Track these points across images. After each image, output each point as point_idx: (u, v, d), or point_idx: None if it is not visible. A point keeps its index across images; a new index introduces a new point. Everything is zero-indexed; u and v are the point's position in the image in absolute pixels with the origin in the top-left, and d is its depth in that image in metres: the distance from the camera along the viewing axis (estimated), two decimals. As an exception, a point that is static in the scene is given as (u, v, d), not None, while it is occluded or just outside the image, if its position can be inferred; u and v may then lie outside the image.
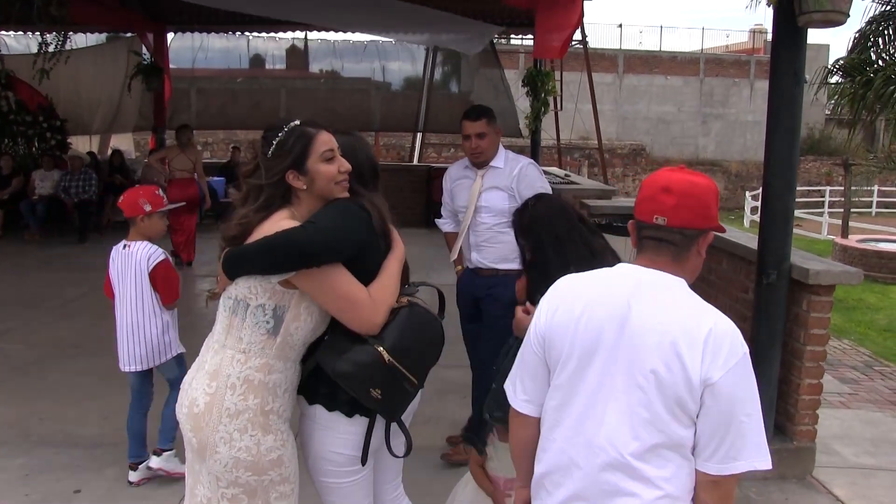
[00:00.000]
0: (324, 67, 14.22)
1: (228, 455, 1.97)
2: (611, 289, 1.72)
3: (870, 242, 14.43)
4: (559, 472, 1.71)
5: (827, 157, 29.19)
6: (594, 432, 1.65)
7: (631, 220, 1.79)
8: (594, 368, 1.67)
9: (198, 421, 1.99)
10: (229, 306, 2.04)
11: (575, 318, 1.70)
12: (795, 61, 3.99)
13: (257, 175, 2.07)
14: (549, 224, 2.41)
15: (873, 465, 4.53)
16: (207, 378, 2.01)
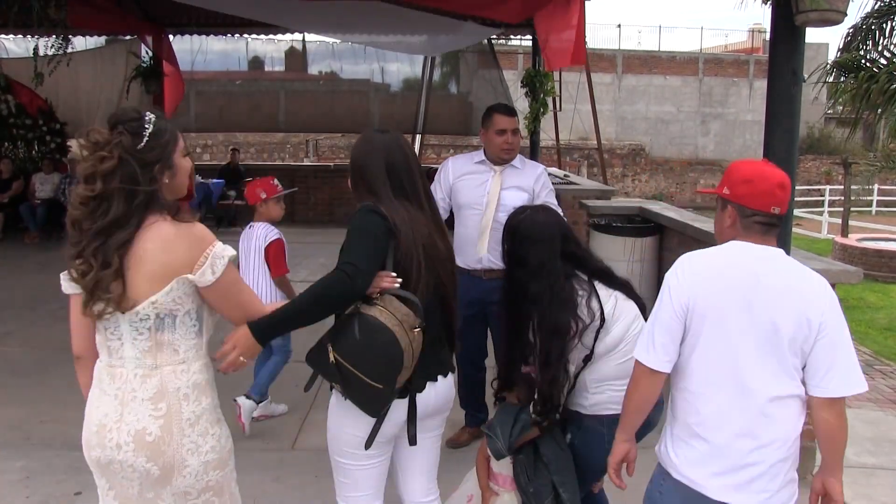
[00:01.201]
0: (322, 69, 14.22)
1: (198, 462, 1.99)
2: (737, 259, 2.10)
3: (870, 241, 14.43)
4: (718, 416, 2.07)
5: (826, 156, 29.21)
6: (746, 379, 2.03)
7: (730, 205, 2.14)
8: (733, 326, 2.04)
9: (156, 447, 1.94)
10: (150, 326, 1.94)
11: (713, 284, 2.07)
12: (793, 60, 3.99)
13: (126, 175, 1.87)
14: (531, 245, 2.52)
15: (874, 465, 4.53)
16: (150, 404, 1.95)
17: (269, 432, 4.25)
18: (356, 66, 13.63)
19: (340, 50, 13.56)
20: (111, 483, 2.04)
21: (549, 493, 2.45)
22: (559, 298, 2.41)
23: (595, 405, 2.50)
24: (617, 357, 2.50)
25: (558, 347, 2.39)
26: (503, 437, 2.44)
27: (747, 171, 2.16)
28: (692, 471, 2.12)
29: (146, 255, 1.91)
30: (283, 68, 14.39)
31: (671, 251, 5.58)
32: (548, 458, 2.47)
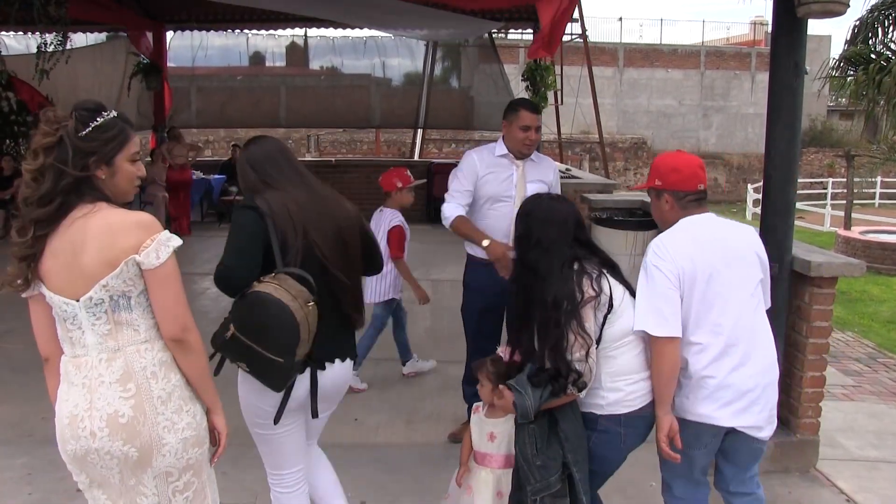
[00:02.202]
0: (324, 64, 14.20)
1: (176, 440, 2.00)
2: (698, 230, 2.57)
3: (873, 234, 14.40)
4: (722, 357, 2.50)
5: (829, 149, 29.16)
6: (742, 320, 2.52)
7: (665, 193, 2.63)
8: (723, 280, 2.50)
9: (131, 428, 1.95)
10: (106, 309, 1.97)
11: (691, 254, 2.50)
12: (795, 53, 3.97)
13: (59, 155, 1.95)
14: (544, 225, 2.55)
15: (877, 458, 4.52)
16: (118, 386, 1.96)
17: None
18: (357, 61, 13.61)
19: (341, 45, 13.55)
20: (91, 476, 2.04)
21: (556, 470, 2.39)
22: (566, 274, 2.43)
23: (611, 404, 2.48)
24: (631, 348, 2.49)
25: (556, 317, 2.38)
26: (534, 395, 2.35)
27: (671, 162, 2.67)
28: (702, 408, 2.52)
29: (90, 238, 1.94)
30: (283, 63, 14.36)
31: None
32: (566, 433, 2.42)
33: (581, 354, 2.36)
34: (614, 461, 2.54)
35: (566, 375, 2.36)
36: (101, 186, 2.00)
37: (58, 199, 1.94)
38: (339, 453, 3.95)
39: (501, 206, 3.96)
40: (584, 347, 2.37)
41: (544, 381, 2.37)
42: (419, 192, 12.63)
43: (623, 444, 2.48)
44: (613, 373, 2.48)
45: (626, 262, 6.25)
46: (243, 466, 3.69)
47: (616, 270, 2.57)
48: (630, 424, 2.46)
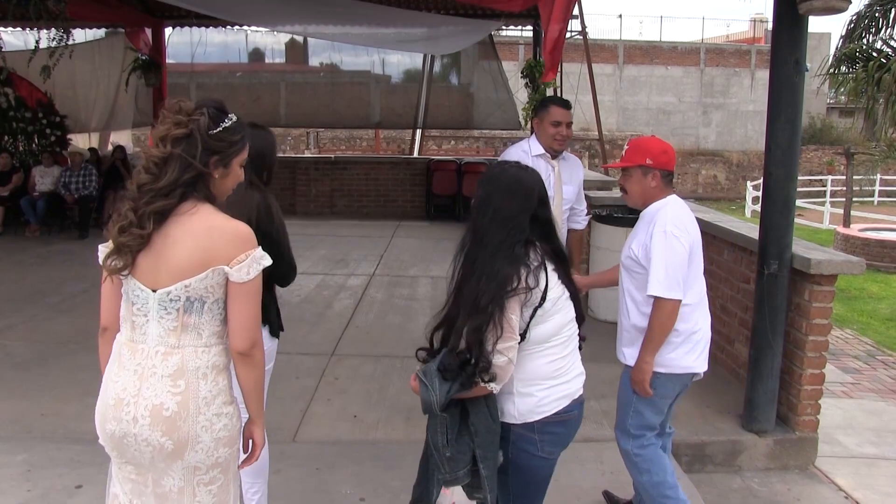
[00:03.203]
0: (323, 61, 14.16)
1: (211, 439, 2.05)
2: (686, 207, 3.03)
3: (872, 231, 14.40)
4: (701, 315, 3.04)
5: (829, 146, 29.14)
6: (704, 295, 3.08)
7: (654, 171, 2.97)
8: (700, 253, 3.03)
9: (172, 423, 2.01)
10: (179, 307, 2.02)
11: (693, 228, 2.98)
12: (796, 50, 3.97)
13: (189, 147, 2.00)
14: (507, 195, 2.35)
15: (876, 455, 4.52)
16: (169, 381, 2.02)
17: (269, 425, 4.24)
18: (357, 58, 13.57)
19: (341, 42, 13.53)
20: (123, 454, 2.09)
21: (465, 464, 2.30)
22: (512, 252, 2.27)
23: (524, 413, 2.36)
24: (548, 354, 2.37)
25: (491, 294, 2.21)
26: (441, 392, 2.22)
27: (658, 144, 3.06)
28: (690, 360, 2.98)
29: (189, 237, 2.00)
30: (283, 60, 14.33)
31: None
32: (476, 427, 2.30)
33: (502, 347, 2.23)
34: (538, 469, 2.43)
35: (477, 364, 2.22)
36: (211, 186, 2.07)
37: (179, 190, 1.99)
38: (338, 450, 3.96)
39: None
40: (505, 339, 2.23)
41: (454, 373, 2.23)
42: (419, 188, 12.71)
43: (541, 452, 2.38)
44: (526, 379, 2.36)
45: (625, 259, 6.26)
46: (243, 463, 3.69)
47: (563, 265, 2.43)
48: (544, 430, 2.36)
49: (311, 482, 3.60)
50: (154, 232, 2.00)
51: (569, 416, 2.40)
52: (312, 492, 3.54)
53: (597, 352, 5.62)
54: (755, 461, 4.20)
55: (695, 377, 3.07)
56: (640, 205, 3.05)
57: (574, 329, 2.45)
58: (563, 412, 2.38)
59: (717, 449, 4.20)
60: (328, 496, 3.44)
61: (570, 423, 2.41)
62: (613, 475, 3.76)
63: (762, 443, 4.21)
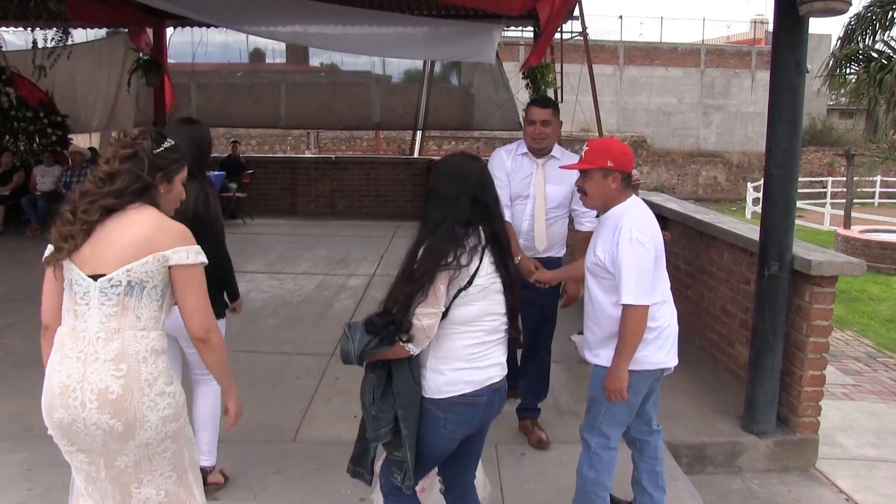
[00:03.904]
0: (323, 61, 14.17)
1: (157, 418, 2.21)
2: (648, 210, 3.06)
3: (872, 233, 14.40)
4: (668, 314, 3.09)
5: (829, 148, 29.14)
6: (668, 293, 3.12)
7: (615, 174, 2.97)
8: (663, 257, 3.02)
9: (118, 405, 2.16)
10: (120, 292, 2.18)
11: (657, 231, 2.99)
12: (797, 51, 3.97)
13: (136, 164, 2.25)
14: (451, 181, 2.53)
15: (876, 457, 4.52)
16: (111, 365, 2.17)
17: (270, 424, 4.25)
18: (357, 58, 13.56)
19: (341, 42, 13.52)
20: (74, 441, 2.22)
21: (388, 423, 2.45)
22: (451, 231, 2.43)
23: (432, 389, 2.49)
24: (465, 338, 2.49)
25: (426, 267, 2.39)
26: (360, 344, 2.39)
27: (618, 146, 3.06)
28: (660, 356, 3.05)
29: (134, 226, 2.20)
30: (284, 60, 14.34)
31: (672, 243, 5.57)
32: (398, 388, 2.45)
33: (424, 311, 2.37)
34: (436, 446, 2.53)
35: (398, 325, 2.37)
36: (158, 199, 2.31)
37: (127, 197, 2.23)
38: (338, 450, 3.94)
39: (521, 204, 3.97)
40: (427, 306, 2.38)
41: (377, 328, 2.39)
42: (419, 189, 12.70)
43: (444, 429, 2.49)
44: (440, 356, 2.49)
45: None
46: (243, 464, 3.69)
47: (500, 248, 2.55)
48: (450, 409, 2.47)
49: (312, 482, 3.60)
50: (98, 224, 2.19)
51: (476, 401, 2.50)
52: (313, 492, 3.53)
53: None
54: (755, 462, 4.20)
55: (665, 371, 3.13)
56: (599, 207, 3.07)
57: (500, 322, 2.55)
58: (471, 395, 2.48)
59: (718, 450, 4.20)
60: (328, 496, 3.44)
61: (477, 406, 2.50)
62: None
63: (762, 444, 4.21)
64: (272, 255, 9.05)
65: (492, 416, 2.61)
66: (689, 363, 5.37)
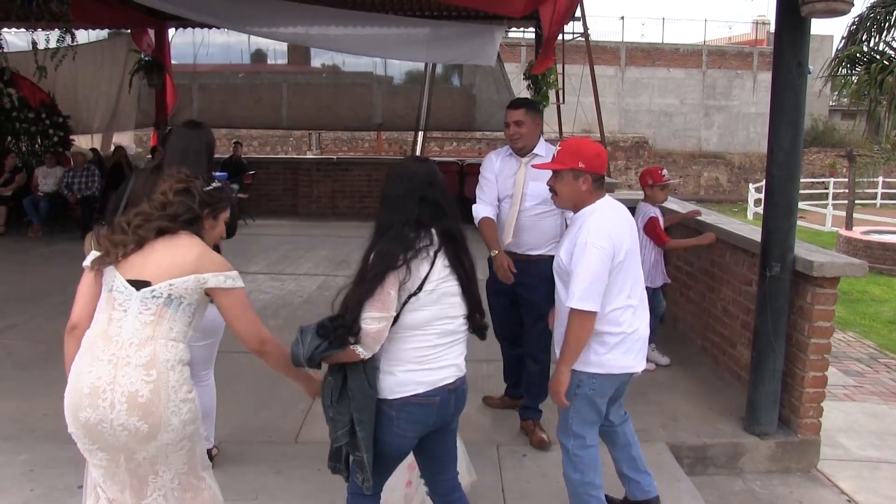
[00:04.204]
0: (325, 62, 14.19)
1: (179, 421, 2.36)
2: (618, 212, 3.03)
3: (874, 234, 14.38)
4: (634, 318, 3.03)
5: (831, 149, 29.10)
6: (639, 287, 3.08)
7: (585, 175, 2.97)
8: (632, 258, 3.00)
9: (147, 408, 2.30)
10: (160, 302, 2.36)
11: (620, 236, 2.94)
12: (799, 52, 3.97)
13: (187, 197, 2.52)
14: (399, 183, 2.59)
15: (878, 458, 4.52)
16: (143, 370, 2.31)
17: (271, 425, 4.25)
18: (359, 59, 13.59)
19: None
20: (96, 441, 2.35)
21: (345, 425, 2.50)
22: (400, 233, 2.47)
23: (384, 390, 2.52)
24: (416, 341, 2.51)
25: (376, 269, 2.43)
26: (309, 347, 2.42)
27: (591, 147, 3.06)
28: (626, 360, 3.03)
29: (182, 248, 2.43)
30: (285, 61, 14.35)
31: (675, 244, 5.57)
32: (353, 391, 2.49)
33: (374, 315, 2.40)
34: (392, 445, 2.57)
35: (347, 328, 2.41)
36: (203, 233, 2.55)
37: (178, 224, 2.48)
38: (340, 451, 3.96)
39: (506, 204, 4.05)
40: (377, 310, 2.41)
41: (327, 331, 2.42)
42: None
43: (397, 429, 2.52)
44: (391, 358, 2.52)
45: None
46: (245, 464, 3.70)
47: (455, 245, 2.57)
48: (403, 409, 2.51)
49: (313, 482, 3.60)
50: (148, 242, 2.40)
51: (429, 401, 2.53)
52: (314, 492, 3.54)
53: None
54: (757, 464, 4.20)
55: (633, 376, 3.14)
56: (570, 207, 3.09)
57: (455, 325, 2.57)
58: (423, 396, 2.52)
59: (719, 451, 4.19)
60: (330, 497, 3.44)
61: (430, 406, 2.54)
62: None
63: (764, 445, 4.21)
64: (273, 255, 9.06)
65: (448, 415, 2.63)
66: (690, 364, 5.39)
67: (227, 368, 4.86)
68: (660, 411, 4.55)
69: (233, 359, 3.99)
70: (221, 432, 4.04)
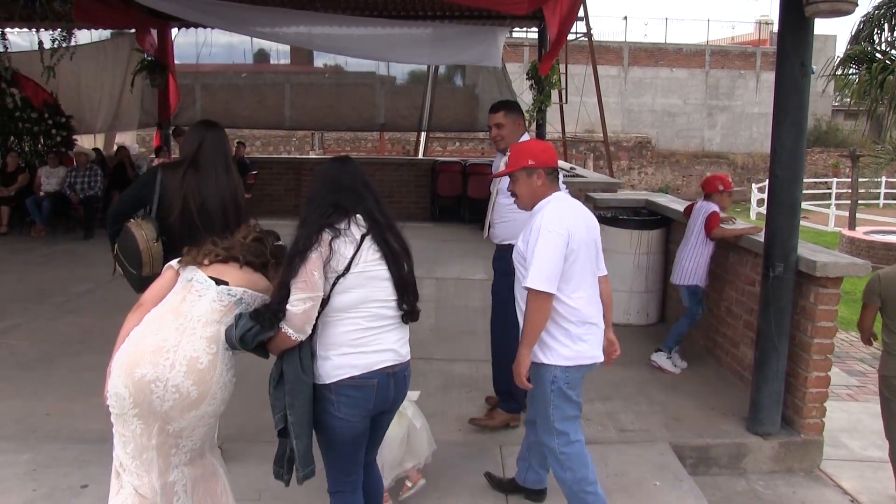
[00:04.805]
0: (328, 62, 14.19)
1: (221, 396, 2.59)
2: (572, 205, 3.16)
3: (877, 234, 14.35)
4: (592, 307, 3.12)
5: (834, 149, 29.05)
6: (594, 278, 3.17)
7: (539, 171, 3.10)
8: (587, 249, 3.09)
9: (202, 375, 2.51)
10: (233, 300, 2.63)
11: (576, 226, 3.04)
12: (802, 52, 3.96)
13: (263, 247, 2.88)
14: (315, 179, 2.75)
15: (881, 459, 4.50)
16: (206, 342, 2.53)
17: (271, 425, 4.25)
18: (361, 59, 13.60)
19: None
20: (139, 403, 2.47)
21: (280, 410, 2.59)
22: (319, 219, 2.57)
23: (322, 375, 2.60)
24: (347, 324, 2.59)
25: (299, 249, 2.53)
26: (241, 328, 2.54)
27: (537, 144, 3.35)
28: (593, 350, 3.13)
29: (259, 276, 2.76)
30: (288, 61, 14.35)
31: (677, 244, 5.56)
32: (287, 376, 2.58)
33: (300, 297, 2.49)
34: (339, 429, 2.64)
35: (275, 311, 2.51)
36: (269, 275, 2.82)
37: (258, 261, 2.80)
38: (342, 451, 3.95)
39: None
40: (303, 291, 2.50)
41: (257, 314, 2.55)
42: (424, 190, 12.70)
43: (338, 412, 2.60)
44: (326, 343, 2.60)
45: (630, 260, 6.25)
46: (247, 464, 3.69)
47: (379, 225, 2.65)
48: (340, 393, 2.58)
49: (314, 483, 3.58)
50: (232, 262, 2.71)
51: (365, 383, 2.60)
52: (315, 492, 3.53)
53: (601, 354, 5.65)
54: (760, 464, 4.19)
55: (594, 365, 3.22)
56: (529, 206, 3.18)
57: (386, 309, 2.64)
58: (360, 378, 2.59)
59: (722, 451, 4.19)
60: (332, 497, 3.44)
61: (367, 388, 2.61)
62: (618, 477, 3.75)
63: (767, 445, 4.20)
64: (276, 255, 9.05)
65: (390, 398, 2.71)
66: (693, 364, 5.38)
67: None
68: (663, 411, 4.55)
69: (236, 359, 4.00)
70: (224, 432, 4.04)
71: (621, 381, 5.02)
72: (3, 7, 7.97)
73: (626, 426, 4.36)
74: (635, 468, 3.86)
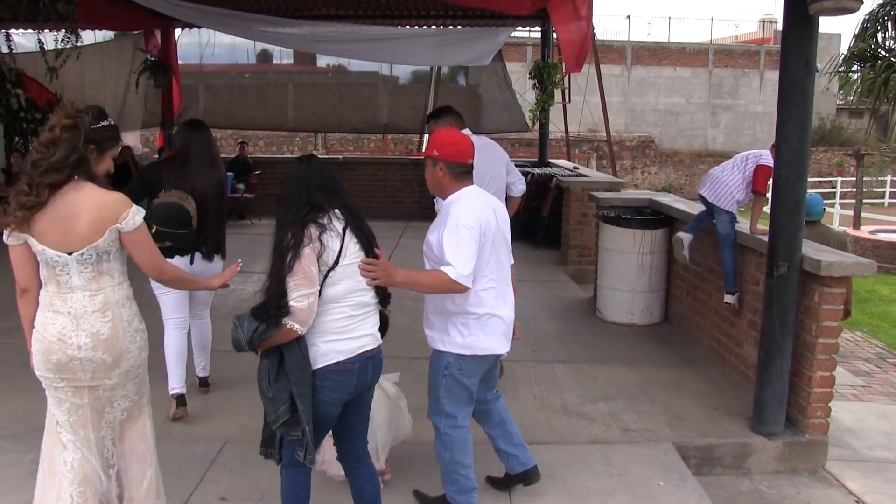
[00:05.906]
0: (331, 62, 14.19)
1: (135, 348, 2.77)
2: (483, 198, 3.21)
3: (882, 233, 14.32)
4: (500, 298, 3.19)
5: (838, 148, 28.99)
6: (504, 270, 3.25)
7: (441, 163, 3.12)
8: (497, 240, 3.17)
9: (109, 343, 2.68)
10: (92, 262, 2.65)
11: (487, 218, 3.11)
12: (806, 50, 3.95)
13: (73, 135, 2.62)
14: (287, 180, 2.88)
15: (887, 459, 4.49)
16: (99, 314, 2.67)
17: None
18: (364, 59, 13.61)
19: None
20: (65, 376, 2.68)
21: (285, 402, 2.68)
22: (301, 218, 2.69)
23: (311, 361, 2.72)
24: (335, 313, 2.74)
25: (292, 247, 2.64)
26: (248, 330, 2.62)
27: (446, 136, 3.26)
28: (490, 342, 3.16)
29: (84, 211, 2.62)
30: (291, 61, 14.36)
31: (681, 243, 5.55)
32: (290, 368, 2.68)
33: (302, 293, 2.62)
34: (320, 413, 2.75)
35: (280, 307, 2.62)
36: (91, 168, 2.69)
37: (67, 169, 2.60)
38: (345, 451, 3.95)
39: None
40: (303, 287, 2.62)
41: (260, 311, 2.65)
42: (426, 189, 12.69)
43: (322, 396, 2.73)
44: (314, 331, 2.73)
45: (633, 259, 6.24)
46: (250, 464, 3.69)
47: (353, 216, 2.80)
48: (325, 378, 2.73)
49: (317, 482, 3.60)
50: (49, 200, 2.57)
51: (349, 367, 2.77)
52: (319, 491, 3.53)
53: (605, 354, 5.63)
54: (764, 464, 4.18)
55: (499, 357, 3.30)
56: (436, 193, 3.28)
57: (368, 297, 2.83)
58: (345, 363, 2.75)
59: (726, 451, 4.18)
60: (335, 496, 3.44)
61: (349, 372, 2.77)
62: (622, 477, 3.75)
63: (771, 445, 4.19)
64: (280, 255, 9.05)
65: (368, 380, 2.88)
66: (697, 364, 5.37)
67: (232, 369, 4.87)
68: (666, 411, 4.54)
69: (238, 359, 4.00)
70: (227, 432, 4.05)
71: (625, 380, 5.02)
72: (8, 8, 8.00)
73: (630, 426, 4.35)
74: (639, 468, 3.85)
